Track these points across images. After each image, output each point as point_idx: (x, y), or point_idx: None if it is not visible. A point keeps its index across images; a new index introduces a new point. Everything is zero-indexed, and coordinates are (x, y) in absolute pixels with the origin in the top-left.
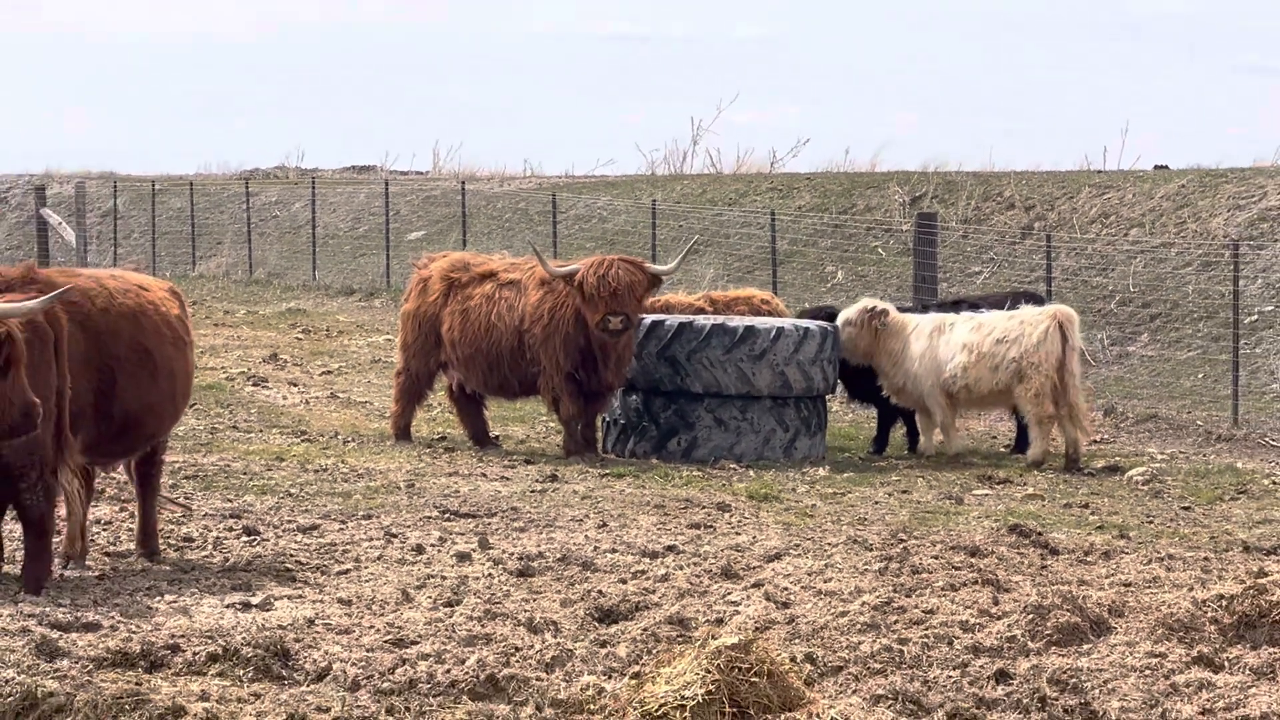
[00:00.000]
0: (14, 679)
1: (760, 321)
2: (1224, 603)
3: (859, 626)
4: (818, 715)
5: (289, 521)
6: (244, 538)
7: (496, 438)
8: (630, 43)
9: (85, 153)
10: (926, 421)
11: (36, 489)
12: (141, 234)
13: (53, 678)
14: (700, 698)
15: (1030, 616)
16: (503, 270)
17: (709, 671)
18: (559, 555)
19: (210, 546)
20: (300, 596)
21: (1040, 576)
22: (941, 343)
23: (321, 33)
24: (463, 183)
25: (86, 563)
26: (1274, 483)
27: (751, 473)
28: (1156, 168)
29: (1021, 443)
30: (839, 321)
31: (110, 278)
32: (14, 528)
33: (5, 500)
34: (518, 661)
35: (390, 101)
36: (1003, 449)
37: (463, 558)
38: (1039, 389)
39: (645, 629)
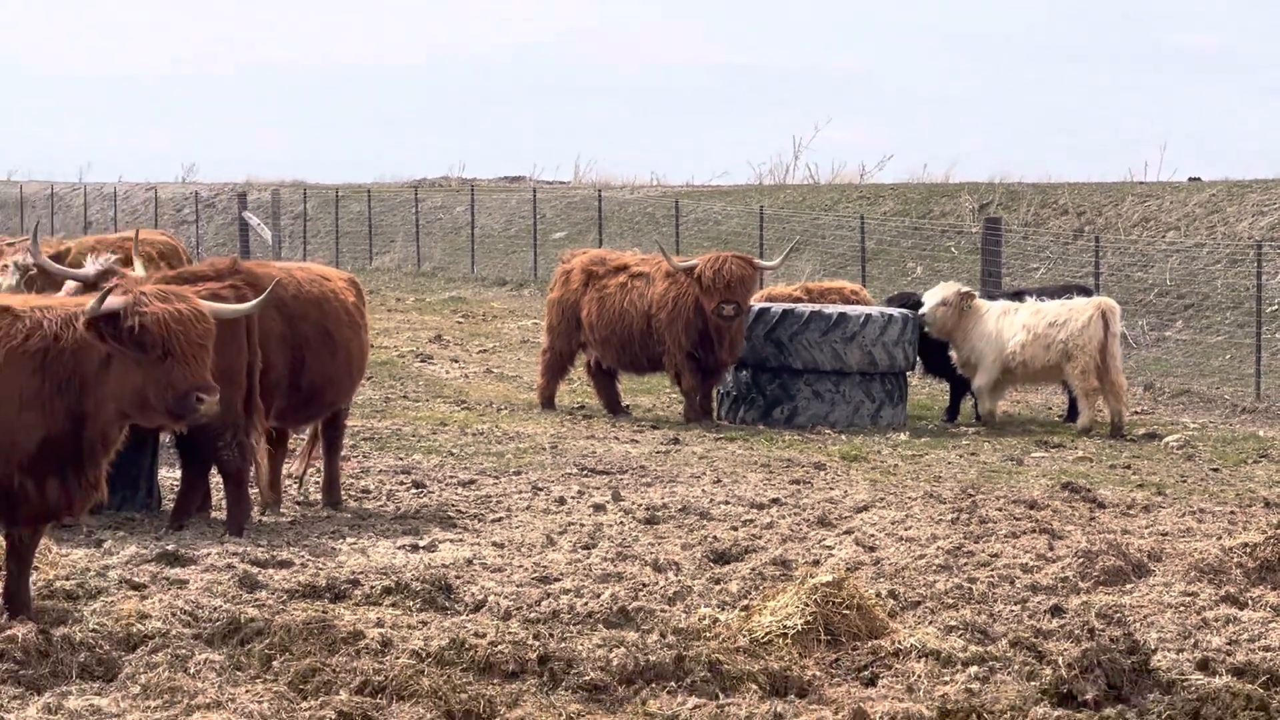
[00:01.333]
0: (221, 606)
1: (851, 309)
2: (1248, 550)
3: (934, 568)
4: (899, 642)
5: (451, 477)
6: (413, 490)
7: (627, 407)
8: (743, 71)
9: (280, 164)
10: (982, 386)
11: (232, 447)
12: (327, 233)
13: (253, 606)
14: (800, 627)
15: (1080, 560)
16: (634, 264)
17: (807, 605)
18: (680, 506)
19: (384, 498)
20: (460, 540)
21: (1089, 527)
22: (1005, 324)
23: (481, 60)
24: (599, 191)
25: (281, 510)
26: None
27: (843, 437)
28: (1190, 179)
29: (1072, 413)
30: (932, 300)
31: (299, 269)
32: (219, 481)
33: (207, 457)
34: (644, 596)
35: (539, 121)
36: (1056, 419)
37: (598, 508)
38: (1084, 366)
39: (753, 569)
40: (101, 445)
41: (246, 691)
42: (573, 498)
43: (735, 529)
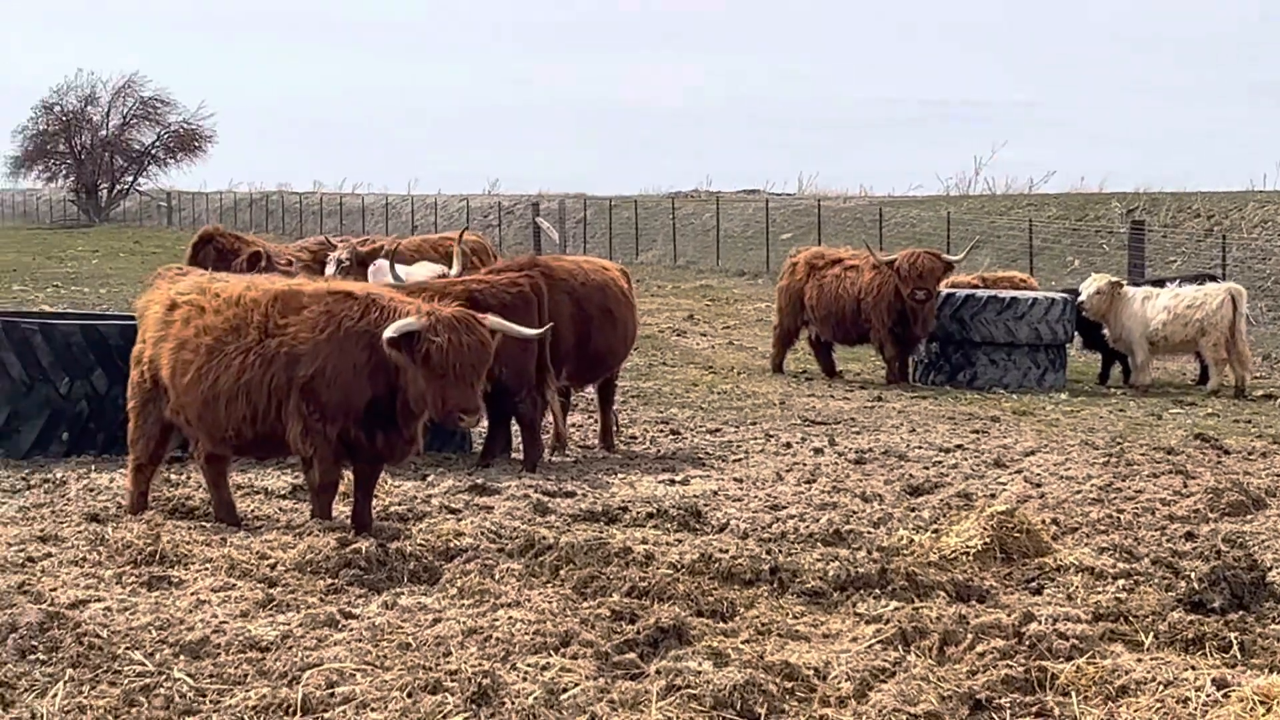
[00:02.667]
0: (519, 527)
1: (1020, 294)
2: None
3: (1089, 501)
4: (1060, 560)
5: (700, 426)
6: (670, 437)
7: (841, 372)
8: (934, 105)
9: (566, 180)
10: (1137, 363)
11: (526, 401)
12: (602, 235)
13: (545, 527)
14: (979, 546)
15: (1209, 496)
16: (847, 258)
17: (985, 529)
18: (883, 450)
19: (648, 442)
20: (708, 476)
21: (1217, 469)
22: (1149, 307)
23: (725, 98)
24: (819, 200)
25: (566, 452)
26: None
27: (1014, 396)
28: None
29: (1203, 378)
30: (1089, 289)
31: (585, 261)
32: (518, 428)
33: (508, 410)
34: (854, 521)
35: (770, 145)
36: (1190, 382)
37: (817, 451)
38: (1216, 340)
39: (942, 499)
40: (409, 412)
41: (539, 594)
42: (797, 443)
43: (927, 468)
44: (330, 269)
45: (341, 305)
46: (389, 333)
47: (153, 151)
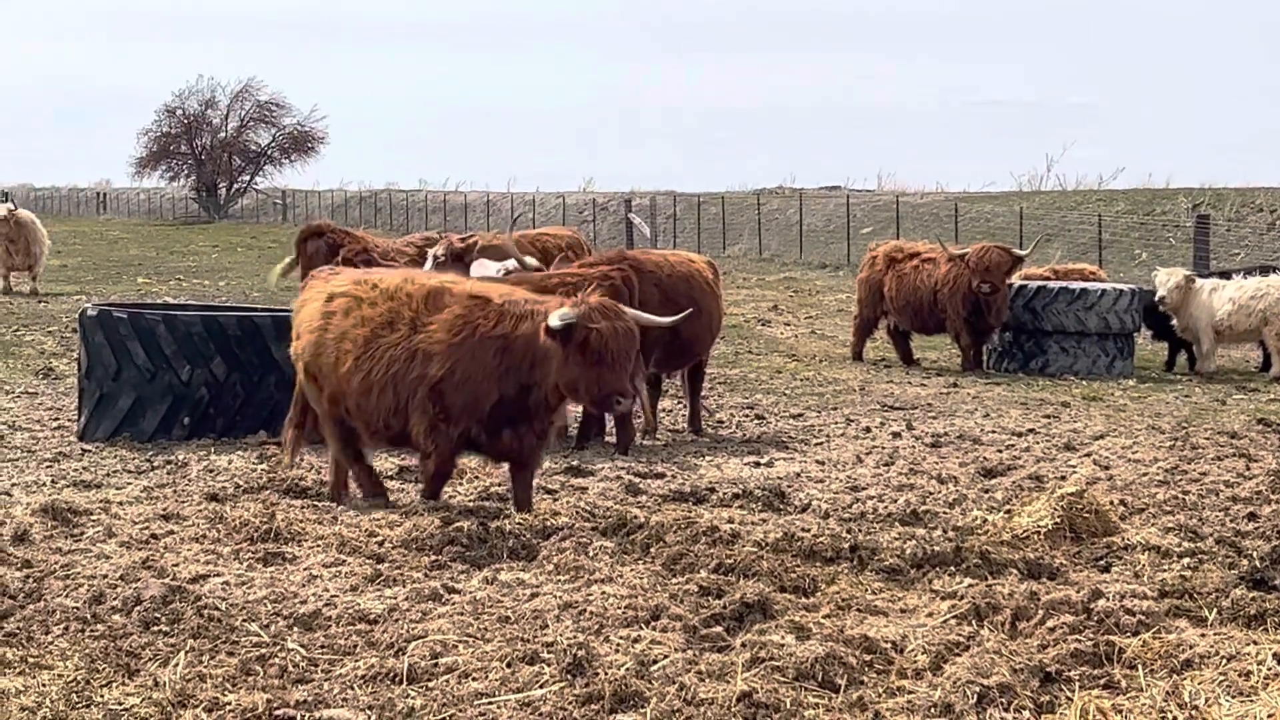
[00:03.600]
0: (612, 507)
1: (1090, 285)
2: None
3: (1155, 482)
4: (1128, 539)
5: (784, 411)
6: (755, 421)
7: (918, 360)
8: (1006, 105)
9: (657, 177)
10: (1203, 351)
11: None
12: (691, 230)
13: (636, 507)
14: (1050, 526)
15: (1271, 478)
16: (924, 252)
17: (1056, 509)
18: (958, 434)
19: (734, 427)
20: (791, 458)
21: (1279, 451)
22: (1215, 298)
23: (806, 98)
24: (897, 196)
25: (656, 436)
26: None
27: (1084, 383)
28: None
29: (1266, 365)
30: (1167, 286)
31: (672, 255)
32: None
33: None
34: (931, 501)
35: (849, 142)
36: (1253, 369)
37: (895, 435)
38: (1278, 329)
39: (1014, 481)
40: (545, 408)
41: (631, 570)
42: (876, 427)
43: (1000, 451)
44: (428, 264)
45: (478, 310)
46: (552, 322)
47: (268, 152)
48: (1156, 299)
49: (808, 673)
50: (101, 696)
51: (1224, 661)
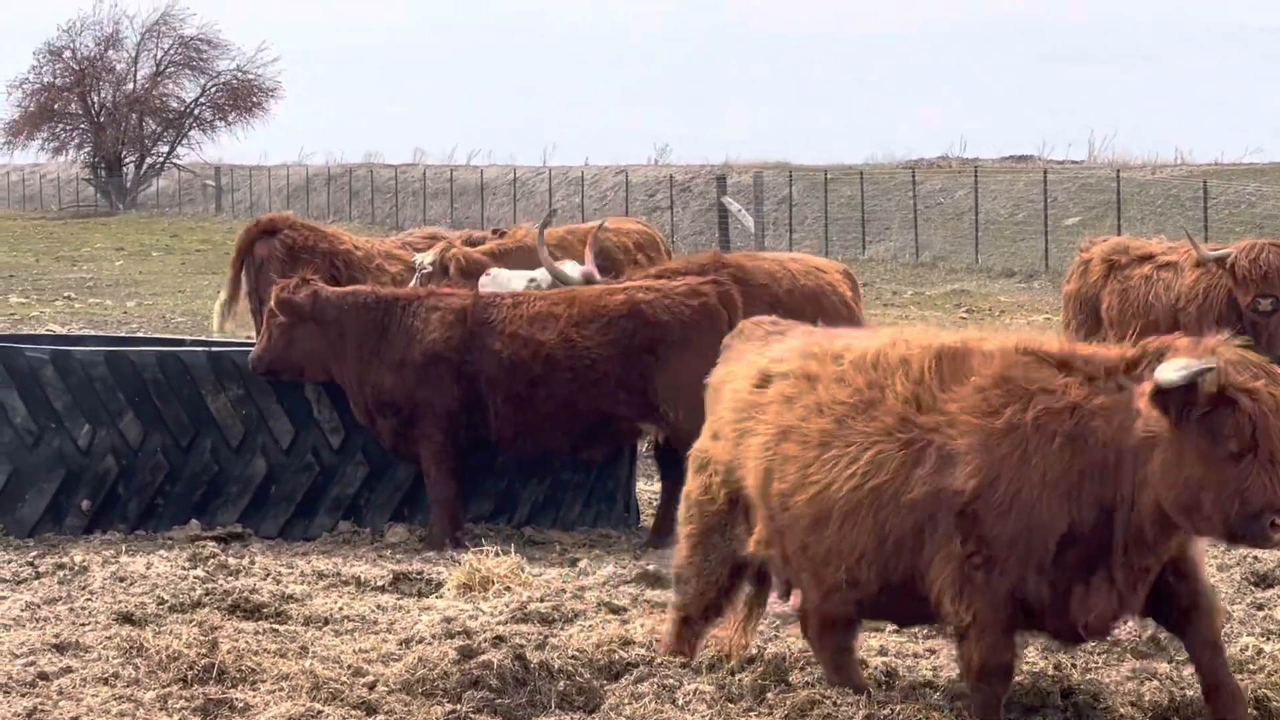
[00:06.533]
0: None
1: None
2: None
3: None
4: None
5: None
6: None
7: None
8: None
9: (761, 144)
10: None
11: None
12: (814, 220)
13: None
14: None
15: None
16: (1160, 253)
17: None
18: None
19: None
20: None
21: None
22: None
23: (981, 24)
24: (1117, 171)
25: None
26: None
27: None
28: None
29: None
30: None
31: (791, 261)
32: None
33: (684, 467)
34: None
35: (1047, 94)
36: None
37: None
38: None
39: None
40: (1135, 544)
41: None
42: None
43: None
44: (414, 280)
45: (1030, 373)
46: (1169, 375)
47: (196, 111)
48: None
49: None
50: None
51: None
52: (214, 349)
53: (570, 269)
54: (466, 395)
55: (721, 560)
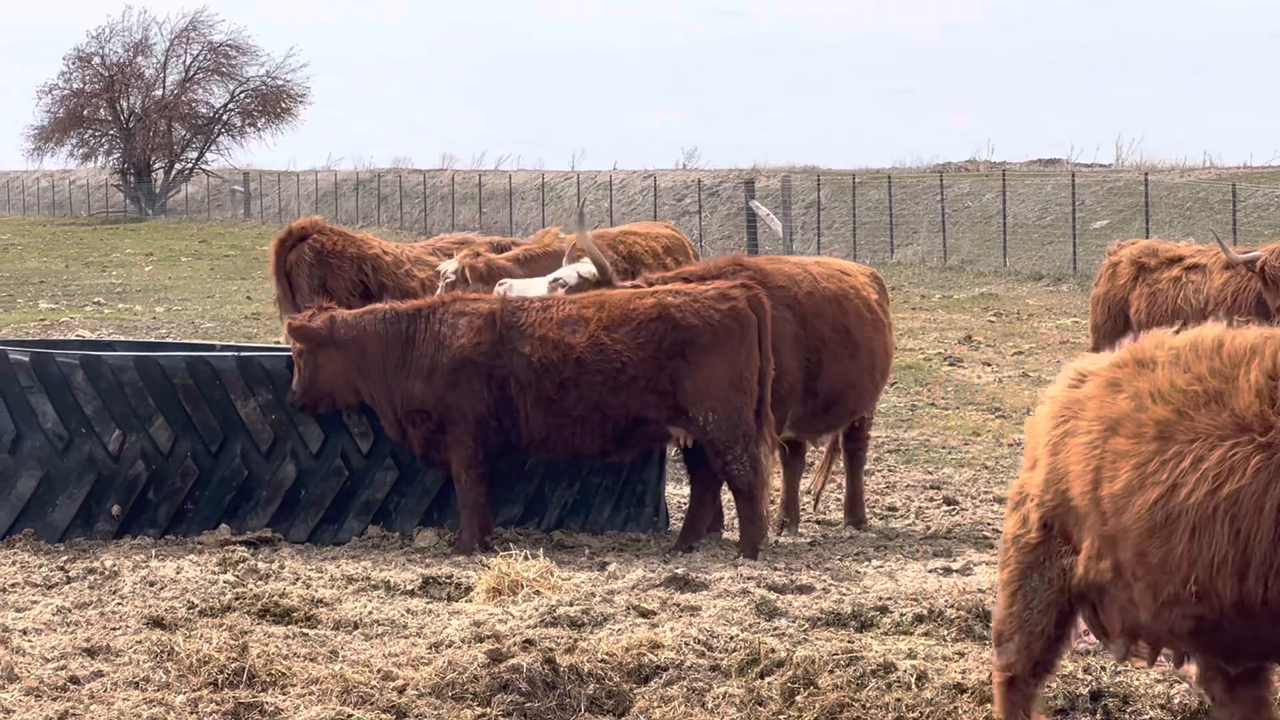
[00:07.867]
0: (738, 635)
1: None
2: None
3: None
4: None
5: (985, 492)
6: (944, 507)
7: None
8: None
9: (789, 148)
10: None
11: (742, 460)
12: (842, 224)
13: (772, 635)
14: None
15: None
16: (1189, 256)
17: None
18: None
19: (912, 515)
20: (996, 562)
21: None
22: None
23: (1008, 23)
24: (1145, 174)
25: (798, 530)
26: None
27: None
28: None
29: None
30: None
31: (814, 264)
32: (729, 497)
33: (718, 472)
34: None
35: (1074, 97)
36: None
37: None
38: None
39: None
40: None
41: None
42: None
43: None
44: (440, 288)
45: None
46: None
47: (225, 117)
48: None
49: None
50: None
51: None
52: (243, 354)
53: (584, 267)
54: (497, 399)
55: (1045, 608)
